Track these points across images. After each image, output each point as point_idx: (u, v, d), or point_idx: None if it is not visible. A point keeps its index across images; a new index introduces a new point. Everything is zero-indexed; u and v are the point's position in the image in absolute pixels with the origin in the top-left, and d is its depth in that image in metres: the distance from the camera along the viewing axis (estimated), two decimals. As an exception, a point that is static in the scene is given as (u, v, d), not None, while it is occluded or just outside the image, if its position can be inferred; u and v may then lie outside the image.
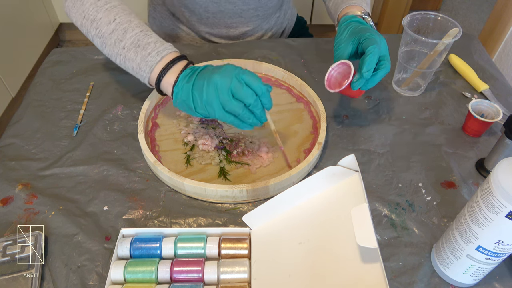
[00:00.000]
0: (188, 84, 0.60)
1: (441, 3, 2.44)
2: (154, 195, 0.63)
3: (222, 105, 0.58)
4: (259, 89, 0.58)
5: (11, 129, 0.73)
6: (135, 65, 0.64)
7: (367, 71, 0.62)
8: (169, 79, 0.62)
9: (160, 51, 0.63)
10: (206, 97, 0.58)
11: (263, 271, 0.52)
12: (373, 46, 0.62)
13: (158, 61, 0.63)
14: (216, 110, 0.58)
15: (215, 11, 0.87)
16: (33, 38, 1.91)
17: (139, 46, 0.63)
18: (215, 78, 0.57)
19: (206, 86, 0.58)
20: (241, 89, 0.57)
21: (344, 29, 0.68)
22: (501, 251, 0.46)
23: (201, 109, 0.59)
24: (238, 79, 0.57)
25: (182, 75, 0.61)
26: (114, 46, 0.65)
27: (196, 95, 0.59)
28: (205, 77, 0.59)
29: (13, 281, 0.51)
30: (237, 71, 0.58)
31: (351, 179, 0.56)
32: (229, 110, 0.58)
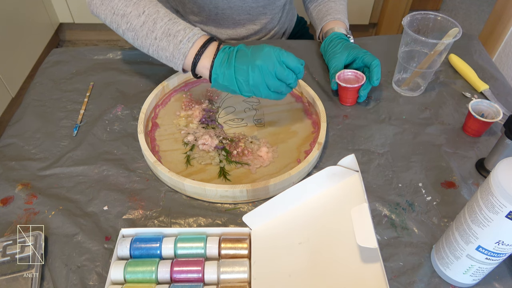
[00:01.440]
0: (229, 70, 0.63)
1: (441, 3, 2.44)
2: (154, 195, 0.63)
3: (268, 86, 0.63)
4: (297, 69, 0.63)
5: (11, 129, 0.73)
6: (168, 54, 0.67)
7: (377, 80, 0.74)
8: (205, 63, 0.65)
9: (191, 37, 0.65)
10: (253, 82, 0.62)
11: (263, 271, 0.52)
12: (377, 60, 0.74)
13: (190, 47, 0.65)
14: (263, 91, 0.63)
15: (224, 7, 0.88)
16: (33, 38, 1.91)
17: (169, 35, 0.66)
18: (258, 63, 0.61)
19: (251, 71, 0.61)
20: (284, 72, 0.62)
21: (337, 43, 0.80)
22: (501, 251, 0.46)
23: (247, 92, 0.64)
24: (279, 63, 0.62)
25: (217, 60, 0.64)
26: (146, 37, 0.67)
27: (241, 80, 0.63)
28: (246, 62, 0.62)
29: (13, 281, 0.51)
30: (276, 54, 0.62)
31: (351, 179, 0.56)
32: (274, 89, 0.64)
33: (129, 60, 0.87)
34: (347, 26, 0.87)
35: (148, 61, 0.87)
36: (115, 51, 0.89)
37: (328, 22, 0.86)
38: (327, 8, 0.89)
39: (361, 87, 0.75)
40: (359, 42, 0.92)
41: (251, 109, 0.77)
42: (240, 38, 0.96)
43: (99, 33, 2.22)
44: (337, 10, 0.88)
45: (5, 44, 1.67)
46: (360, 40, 0.93)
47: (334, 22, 0.86)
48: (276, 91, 0.64)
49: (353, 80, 0.77)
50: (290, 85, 0.64)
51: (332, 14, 0.87)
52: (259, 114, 0.76)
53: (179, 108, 0.76)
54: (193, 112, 0.75)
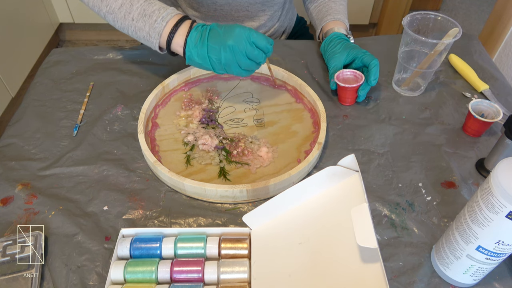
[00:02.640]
0: (202, 49, 0.66)
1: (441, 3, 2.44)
2: (154, 195, 0.63)
3: (239, 65, 0.66)
4: (266, 49, 0.67)
5: (11, 129, 0.73)
6: (145, 34, 0.70)
7: (374, 80, 0.74)
8: (179, 41, 0.69)
9: (165, 17, 0.68)
10: (225, 61, 0.66)
11: (263, 271, 0.52)
12: (376, 60, 0.75)
13: (164, 26, 0.68)
14: (234, 70, 0.67)
15: (223, 3, 0.88)
16: (33, 38, 1.90)
17: (145, 15, 0.69)
18: (229, 42, 0.64)
19: (223, 51, 0.65)
20: (254, 52, 0.65)
21: (336, 43, 0.81)
22: (501, 251, 0.46)
23: (219, 70, 0.68)
24: (250, 43, 0.65)
25: (190, 38, 0.67)
26: (124, 19, 0.71)
27: (214, 58, 0.66)
28: (219, 41, 0.65)
29: (13, 281, 0.51)
30: (247, 35, 0.65)
31: (351, 179, 0.56)
32: (245, 68, 0.67)
33: (129, 60, 0.87)
34: (347, 26, 0.87)
35: (148, 61, 0.87)
36: (115, 51, 0.89)
37: (328, 22, 0.86)
38: (327, 9, 0.89)
39: (360, 87, 0.75)
40: (359, 42, 0.92)
41: (251, 109, 0.77)
42: None
43: (99, 33, 2.22)
44: (337, 10, 0.88)
45: (5, 44, 1.67)
46: (360, 40, 0.93)
47: (334, 22, 0.86)
48: (246, 69, 0.68)
49: (352, 80, 0.77)
50: (259, 64, 0.69)
51: (332, 15, 0.87)
52: (259, 114, 0.76)
53: (179, 108, 0.76)
54: (193, 112, 0.75)
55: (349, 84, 0.75)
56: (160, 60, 0.87)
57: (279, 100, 0.79)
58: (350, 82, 0.77)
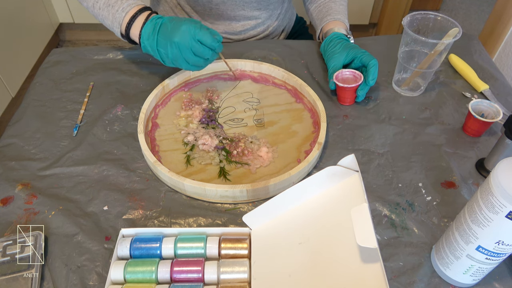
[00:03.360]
0: (153, 42, 0.69)
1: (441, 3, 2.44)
2: (154, 195, 0.63)
3: (186, 61, 0.68)
4: (212, 46, 0.68)
5: (11, 129, 0.73)
6: (109, 23, 0.75)
7: (373, 79, 0.74)
8: (135, 32, 0.72)
9: (125, 7, 0.72)
10: (172, 56, 0.68)
11: (263, 271, 0.52)
12: (375, 60, 0.75)
13: (123, 17, 0.72)
14: (182, 65, 0.69)
15: (218, 2, 0.88)
16: (33, 38, 1.90)
17: (109, 5, 0.74)
18: (175, 39, 0.66)
19: (170, 46, 0.67)
20: (199, 49, 0.67)
21: (336, 43, 0.81)
22: (501, 251, 0.46)
23: (168, 63, 0.70)
24: (195, 40, 0.66)
25: (144, 30, 0.70)
26: (93, 7, 0.76)
27: (162, 52, 0.69)
28: (167, 36, 0.67)
29: (13, 281, 0.51)
30: (192, 33, 0.66)
31: (351, 179, 0.56)
32: (193, 63, 0.69)
33: (129, 60, 0.87)
34: (347, 26, 0.87)
35: (148, 61, 0.87)
36: (115, 51, 0.89)
37: (328, 22, 0.86)
38: (327, 9, 0.89)
39: (359, 87, 0.75)
40: (359, 42, 0.92)
41: (251, 109, 0.77)
42: (236, 33, 0.95)
43: (99, 33, 2.22)
44: (337, 10, 0.88)
45: (5, 44, 1.67)
46: (360, 40, 0.93)
47: (334, 22, 0.86)
48: (194, 65, 0.69)
49: (351, 79, 0.77)
50: (207, 59, 0.70)
51: (332, 15, 0.87)
52: (259, 114, 0.76)
53: (179, 108, 0.76)
54: (193, 112, 0.75)
55: (348, 84, 0.75)
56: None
57: (279, 100, 0.79)
58: (349, 82, 0.77)
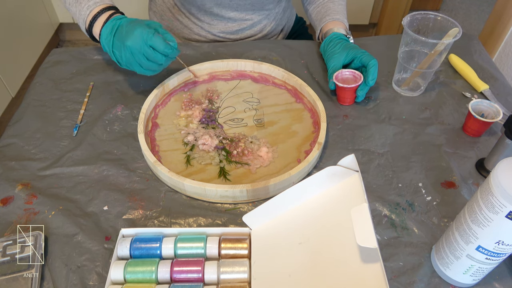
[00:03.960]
0: (109, 44, 0.69)
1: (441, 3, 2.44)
2: (154, 195, 0.63)
3: (140, 65, 0.68)
4: (165, 52, 0.66)
5: (11, 129, 0.73)
6: (77, 19, 0.75)
7: (372, 80, 0.74)
8: (96, 31, 0.73)
9: (90, 5, 0.73)
10: (126, 59, 0.68)
11: (263, 271, 0.52)
12: (374, 60, 0.74)
13: (87, 15, 0.73)
14: (136, 68, 0.69)
15: (211, 4, 0.89)
16: (33, 38, 1.90)
17: (77, 1, 0.74)
18: (128, 43, 0.65)
19: (124, 50, 0.67)
20: (152, 55, 0.66)
21: (336, 43, 0.80)
22: (501, 251, 0.46)
23: (124, 66, 0.70)
24: (147, 46, 0.65)
25: (103, 29, 0.70)
26: (65, 3, 0.77)
27: (117, 54, 0.69)
28: (121, 39, 0.67)
29: (13, 281, 0.51)
30: (145, 38, 0.65)
31: (351, 179, 0.56)
32: (147, 68, 0.68)
33: (129, 60, 0.87)
34: (347, 26, 0.87)
35: (148, 61, 0.87)
36: (115, 51, 0.89)
37: (327, 23, 0.86)
38: (326, 9, 0.89)
39: (359, 87, 0.75)
40: (359, 42, 0.92)
41: (251, 109, 0.77)
42: (233, 32, 0.96)
43: (99, 33, 2.22)
44: (336, 10, 0.88)
45: (5, 44, 1.67)
46: (360, 40, 0.93)
47: (333, 22, 0.86)
48: (148, 69, 0.69)
49: (351, 80, 0.77)
50: (161, 65, 0.69)
51: (331, 15, 0.87)
52: (259, 114, 0.76)
53: (179, 108, 0.77)
54: (193, 112, 0.75)
55: (348, 84, 0.75)
56: (160, 60, 0.87)
57: (279, 100, 0.79)
58: (349, 82, 0.77)
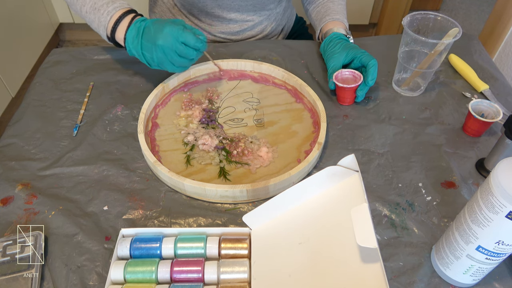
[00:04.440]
0: (138, 46, 0.69)
1: (441, 3, 2.44)
2: (154, 195, 0.63)
3: (172, 63, 0.69)
4: (196, 47, 0.68)
5: (11, 129, 0.73)
6: (96, 26, 0.75)
7: (372, 80, 0.74)
8: (120, 36, 0.73)
9: (110, 11, 0.73)
10: (157, 59, 0.69)
11: (263, 271, 0.52)
12: (374, 60, 0.75)
13: (108, 21, 0.73)
14: (168, 67, 0.70)
15: (213, 5, 0.89)
16: (33, 38, 1.90)
17: (95, 8, 0.74)
18: (159, 42, 0.67)
19: (155, 50, 0.67)
20: (184, 51, 0.68)
21: (336, 43, 0.81)
22: (501, 251, 0.46)
23: (155, 66, 0.71)
24: (179, 43, 0.67)
25: (128, 34, 0.70)
26: (80, 11, 0.76)
27: (147, 56, 0.69)
28: (151, 39, 0.68)
29: (13, 281, 0.51)
30: (175, 35, 0.66)
31: (351, 179, 0.56)
32: (179, 65, 0.70)
33: (129, 60, 0.87)
34: (347, 26, 0.87)
35: (148, 61, 0.87)
36: (115, 51, 0.89)
37: (327, 23, 0.86)
38: (325, 9, 0.89)
39: (359, 87, 0.75)
40: (359, 42, 0.92)
41: (251, 109, 0.77)
42: (234, 33, 0.96)
43: (99, 33, 2.22)
44: (336, 10, 0.88)
45: (5, 44, 1.67)
46: (360, 40, 0.93)
47: (333, 22, 0.86)
48: (180, 66, 0.71)
49: (350, 80, 0.77)
50: (192, 59, 0.71)
51: (330, 15, 0.87)
52: (259, 114, 0.76)
53: (179, 108, 0.76)
54: (193, 112, 0.75)
55: (348, 84, 0.75)
56: (160, 60, 0.87)
57: (279, 100, 0.79)
58: (348, 82, 0.77)
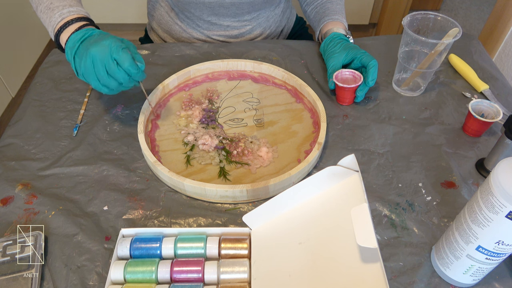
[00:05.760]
0: (73, 49, 0.62)
1: (441, 3, 2.44)
2: (154, 195, 0.63)
3: (98, 79, 0.61)
4: (129, 71, 0.60)
5: (11, 129, 0.73)
6: (46, 26, 0.70)
7: (372, 80, 0.74)
8: (64, 37, 0.66)
9: (64, 13, 0.67)
10: (84, 69, 0.60)
11: (263, 271, 0.52)
12: (374, 60, 0.74)
13: (58, 22, 0.67)
14: (92, 81, 0.61)
15: (209, 13, 0.90)
16: (33, 38, 1.91)
17: (49, 8, 0.69)
18: (92, 51, 0.59)
19: (85, 57, 0.60)
20: (114, 70, 0.59)
21: (336, 43, 0.80)
22: (501, 251, 0.46)
23: (81, 76, 0.63)
24: (111, 58, 0.59)
25: (72, 35, 0.64)
26: (36, 10, 0.72)
27: (78, 61, 0.62)
28: (87, 46, 0.61)
29: (13, 281, 0.51)
30: (112, 49, 0.59)
31: (351, 179, 0.56)
32: (104, 84, 0.61)
33: (129, 60, 0.87)
34: (346, 26, 0.87)
35: (148, 61, 0.87)
36: (115, 51, 0.89)
37: (326, 23, 0.86)
38: (324, 10, 0.89)
39: (358, 88, 0.75)
40: (359, 42, 0.92)
41: (251, 109, 0.77)
42: (233, 36, 0.96)
43: (99, 33, 2.22)
44: (335, 10, 0.88)
45: (5, 44, 1.67)
46: (360, 40, 0.93)
47: (332, 23, 0.86)
48: (105, 85, 0.61)
49: (350, 80, 0.77)
50: (121, 84, 0.61)
51: (329, 15, 0.87)
52: (259, 114, 0.76)
53: (179, 108, 0.77)
54: (193, 112, 0.75)
55: (348, 84, 0.75)
56: (160, 60, 0.87)
57: (279, 100, 0.79)
58: (348, 82, 0.77)
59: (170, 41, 1.00)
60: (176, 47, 0.90)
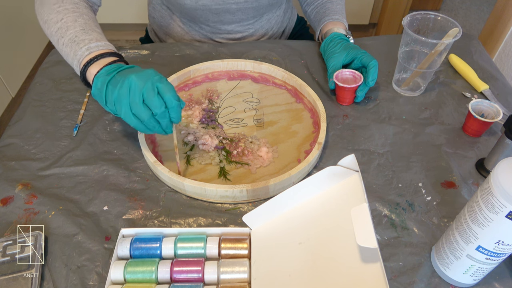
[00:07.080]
0: (107, 77, 0.59)
1: (441, 3, 2.44)
2: (154, 195, 0.63)
3: (130, 106, 0.56)
4: (170, 101, 0.56)
5: (11, 129, 0.73)
6: (70, 60, 0.68)
7: (373, 80, 0.74)
8: (93, 70, 0.63)
9: (91, 47, 0.65)
10: (117, 94, 0.57)
11: (263, 271, 0.52)
12: (375, 61, 0.74)
13: (86, 55, 0.65)
14: (123, 109, 0.57)
15: (215, 20, 0.90)
16: (33, 38, 1.91)
17: (74, 41, 0.66)
18: (131, 77, 0.56)
19: (121, 83, 0.56)
20: (152, 97, 0.55)
21: (336, 43, 0.80)
22: (501, 251, 0.46)
23: (110, 104, 0.59)
24: (152, 85, 0.56)
25: (105, 68, 0.62)
26: (57, 43, 0.70)
27: (110, 89, 0.58)
28: (124, 74, 0.58)
29: (13, 281, 0.51)
30: (155, 78, 0.56)
31: (351, 179, 0.56)
32: (135, 113, 0.57)
33: (129, 60, 0.87)
34: (346, 26, 0.87)
35: (148, 61, 0.87)
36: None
37: (327, 23, 0.86)
38: (324, 10, 0.89)
39: (359, 88, 0.75)
40: (359, 42, 0.92)
41: (251, 109, 0.77)
42: (235, 39, 0.96)
43: (99, 33, 2.22)
44: (335, 10, 0.88)
45: (5, 44, 1.67)
46: (360, 40, 0.93)
47: (333, 23, 0.86)
48: (136, 116, 0.57)
49: (350, 80, 0.77)
50: (155, 115, 0.57)
51: (330, 15, 0.87)
52: (259, 114, 0.76)
53: (179, 108, 0.76)
54: (193, 112, 0.75)
55: (348, 84, 0.75)
56: (160, 60, 0.87)
57: (279, 100, 0.79)
58: (349, 82, 0.77)
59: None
60: (176, 47, 0.90)
